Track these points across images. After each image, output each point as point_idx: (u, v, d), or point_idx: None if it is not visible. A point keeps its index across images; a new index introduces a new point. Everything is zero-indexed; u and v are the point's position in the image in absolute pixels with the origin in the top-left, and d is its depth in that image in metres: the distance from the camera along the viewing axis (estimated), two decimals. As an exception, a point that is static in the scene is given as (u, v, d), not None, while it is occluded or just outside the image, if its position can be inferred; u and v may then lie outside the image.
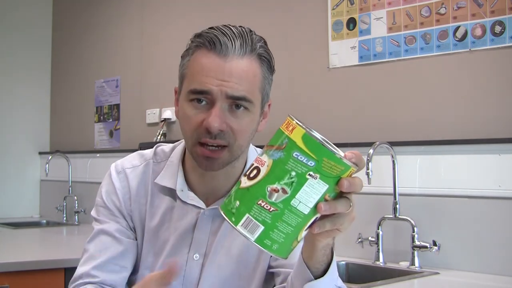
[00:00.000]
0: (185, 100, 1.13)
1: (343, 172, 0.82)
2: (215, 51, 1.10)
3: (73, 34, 4.18)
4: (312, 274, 0.99)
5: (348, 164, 0.82)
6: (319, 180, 0.80)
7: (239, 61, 1.10)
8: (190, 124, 1.12)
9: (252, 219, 0.81)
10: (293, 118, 0.84)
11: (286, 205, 0.80)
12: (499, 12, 2.08)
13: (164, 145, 1.31)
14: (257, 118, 1.16)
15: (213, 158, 1.11)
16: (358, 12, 2.48)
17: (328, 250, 0.99)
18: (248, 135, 1.15)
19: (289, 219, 0.81)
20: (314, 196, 0.81)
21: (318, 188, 0.81)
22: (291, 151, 0.81)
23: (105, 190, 1.26)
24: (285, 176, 0.80)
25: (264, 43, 1.15)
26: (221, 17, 2.52)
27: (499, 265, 1.99)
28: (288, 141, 0.82)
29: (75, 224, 3.78)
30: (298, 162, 0.80)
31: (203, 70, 1.10)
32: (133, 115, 3.65)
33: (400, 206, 2.21)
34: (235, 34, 1.10)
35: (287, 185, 0.80)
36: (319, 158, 0.79)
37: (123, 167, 1.27)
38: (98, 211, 1.26)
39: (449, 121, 2.19)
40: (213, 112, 1.08)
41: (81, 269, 1.21)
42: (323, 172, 0.80)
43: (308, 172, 0.80)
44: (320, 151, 0.80)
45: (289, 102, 2.71)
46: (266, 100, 1.19)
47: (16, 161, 4.17)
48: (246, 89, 1.10)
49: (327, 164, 0.80)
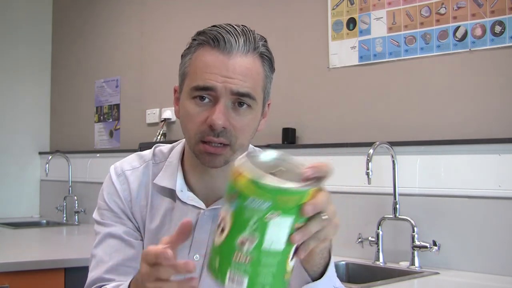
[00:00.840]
0: (187, 98, 1.12)
1: (303, 198, 0.79)
2: (219, 49, 1.09)
3: (73, 34, 4.18)
4: (310, 276, 0.99)
5: (304, 190, 0.79)
6: (281, 216, 0.78)
7: (243, 59, 1.10)
8: (193, 122, 1.11)
9: (234, 273, 0.79)
10: (238, 166, 0.81)
11: (259, 251, 0.78)
12: (499, 12, 2.08)
13: (162, 146, 1.30)
14: (259, 116, 1.16)
15: (216, 154, 1.11)
16: (358, 12, 2.48)
17: (326, 253, 0.98)
18: (249, 134, 1.15)
19: (268, 262, 0.79)
20: (283, 232, 0.79)
21: (284, 223, 0.79)
22: (243, 200, 0.78)
23: (107, 192, 1.25)
24: (246, 225, 0.78)
25: (265, 42, 1.15)
26: (221, 17, 2.52)
27: (499, 265, 1.99)
28: (238, 190, 0.79)
29: (75, 224, 3.78)
30: (254, 208, 0.77)
31: (207, 67, 1.09)
32: (133, 115, 3.65)
33: (400, 206, 2.21)
34: (239, 32, 1.10)
35: (252, 234, 0.78)
36: (272, 197, 0.77)
37: (123, 169, 1.26)
38: (102, 215, 1.24)
39: (449, 121, 2.19)
40: (217, 109, 1.08)
41: (92, 274, 1.19)
42: (282, 208, 0.78)
43: (267, 214, 0.77)
44: (270, 191, 0.77)
45: (289, 102, 2.71)
46: (267, 99, 1.19)
47: (16, 161, 4.17)
48: (250, 86, 1.10)
49: (282, 199, 0.77)
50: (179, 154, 1.24)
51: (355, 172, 2.34)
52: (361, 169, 2.20)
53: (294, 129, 2.66)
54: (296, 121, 2.67)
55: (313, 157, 2.52)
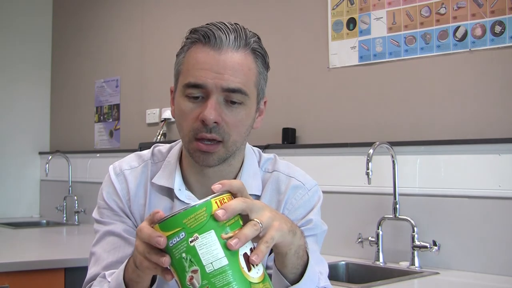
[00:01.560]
0: (180, 96, 1.13)
1: (209, 209, 0.82)
2: (209, 45, 1.10)
3: (73, 34, 4.19)
4: (289, 280, 0.99)
5: (204, 201, 0.82)
6: (201, 236, 0.80)
7: (233, 54, 1.10)
8: (187, 120, 1.12)
9: None
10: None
11: (207, 277, 0.80)
12: (499, 12, 2.08)
13: (161, 146, 1.31)
14: (253, 113, 1.16)
15: (209, 153, 1.11)
16: (358, 12, 2.48)
17: (302, 252, 0.98)
18: (243, 131, 1.14)
19: (223, 280, 0.80)
20: (214, 247, 0.81)
21: (208, 240, 0.81)
22: (167, 246, 0.82)
23: (106, 191, 1.25)
24: (182, 263, 0.81)
25: (258, 38, 1.16)
26: (221, 18, 2.51)
27: (499, 265, 1.99)
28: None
29: (75, 224, 3.78)
30: (175, 245, 0.81)
31: (198, 64, 1.10)
32: (133, 115, 3.65)
33: (400, 206, 2.21)
34: (229, 29, 1.11)
35: (191, 266, 0.80)
36: (181, 224, 0.81)
37: (122, 168, 1.26)
38: (101, 213, 1.25)
39: (449, 121, 2.19)
40: (208, 105, 1.08)
41: (91, 271, 1.20)
42: (196, 228, 0.81)
43: (187, 242, 0.80)
44: (174, 220, 0.81)
45: (289, 102, 2.71)
46: (261, 96, 1.19)
47: (16, 161, 4.18)
48: (241, 81, 1.10)
49: (190, 221, 0.81)
50: (177, 153, 1.24)
51: (355, 172, 2.34)
52: (361, 169, 2.20)
53: (294, 129, 2.66)
54: (296, 121, 2.67)
55: (313, 157, 2.52)
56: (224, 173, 1.19)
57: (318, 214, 1.24)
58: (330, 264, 1.31)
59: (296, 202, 1.21)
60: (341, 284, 2.01)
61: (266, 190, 1.22)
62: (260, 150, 1.31)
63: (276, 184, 1.23)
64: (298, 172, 1.26)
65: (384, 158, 2.25)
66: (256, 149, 1.30)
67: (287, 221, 0.93)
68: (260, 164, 1.26)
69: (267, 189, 1.22)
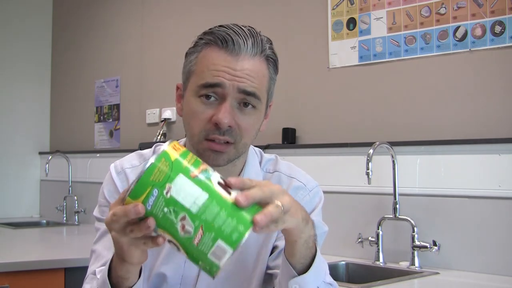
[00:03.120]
0: (192, 96, 1.12)
1: (167, 157, 0.83)
2: (227, 49, 1.10)
3: (73, 34, 4.18)
4: (297, 270, 1.00)
5: (161, 152, 0.84)
6: (173, 184, 0.81)
7: (250, 61, 1.11)
8: (198, 120, 1.11)
9: (210, 249, 0.81)
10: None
11: (196, 216, 0.81)
12: (499, 12, 2.08)
13: (162, 145, 1.31)
14: (262, 117, 1.17)
15: (221, 152, 1.12)
16: (358, 12, 2.48)
17: (311, 243, 0.99)
18: (253, 134, 1.16)
19: (212, 212, 0.81)
20: (190, 188, 0.81)
21: (182, 184, 0.81)
22: (147, 210, 0.82)
23: (107, 190, 1.25)
24: (167, 218, 0.82)
25: (271, 44, 1.17)
26: (221, 18, 2.52)
27: (499, 265, 1.99)
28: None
29: (75, 224, 3.78)
30: (154, 204, 0.82)
31: (215, 65, 1.10)
32: (133, 115, 3.65)
33: (400, 206, 2.21)
34: (247, 34, 1.11)
35: (177, 216, 0.81)
36: (150, 184, 0.81)
37: (123, 167, 1.26)
38: (102, 211, 1.25)
39: (449, 121, 2.19)
40: (223, 108, 1.08)
41: (91, 268, 1.20)
42: (165, 180, 0.81)
43: (163, 196, 0.81)
44: (143, 184, 0.82)
45: (289, 102, 2.71)
46: (270, 100, 1.20)
47: (16, 161, 4.17)
48: (257, 86, 1.11)
49: (156, 176, 0.82)
50: None
51: (355, 172, 2.34)
52: (361, 169, 2.20)
53: (294, 129, 2.66)
54: (296, 121, 2.67)
55: (313, 157, 2.52)
56: (228, 172, 1.19)
57: (319, 215, 1.24)
58: (330, 264, 1.31)
59: (297, 203, 1.21)
60: (341, 284, 2.01)
61: None
62: (262, 150, 1.31)
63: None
64: (300, 173, 1.26)
65: (384, 158, 2.25)
66: (258, 150, 1.30)
67: (302, 209, 0.94)
68: (262, 165, 1.26)
69: None
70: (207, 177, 0.83)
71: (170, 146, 0.86)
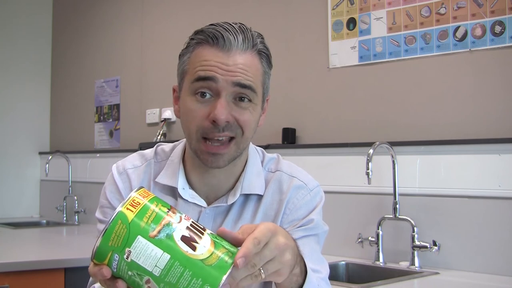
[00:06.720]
0: (188, 95, 1.12)
1: (124, 219, 0.80)
2: (217, 46, 1.10)
3: (73, 34, 4.18)
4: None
5: (115, 215, 0.81)
6: (132, 248, 0.79)
7: (242, 55, 1.10)
8: (195, 119, 1.11)
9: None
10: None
11: (160, 279, 0.79)
12: (499, 12, 2.08)
13: (164, 145, 1.31)
14: (259, 111, 1.17)
15: (219, 154, 1.11)
16: (358, 12, 2.48)
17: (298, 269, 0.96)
18: (253, 127, 1.15)
19: (176, 274, 0.78)
20: (150, 250, 0.79)
21: (141, 247, 0.79)
22: (111, 271, 0.82)
23: (109, 190, 1.25)
24: (133, 280, 0.80)
25: (262, 38, 1.16)
26: (221, 18, 2.51)
27: (499, 265, 1.99)
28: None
29: (75, 224, 3.78)
30: (118, 268, 0.80)
31: (207, 61, 1.10)
32: (133, 115, 3.65)
33: (400, 206, 2.21)
34: (237, 30, 1.11)
35: (142, 279, 0.79)
36: (109, 249, 0.80)
37: (125, 167, 1.26)
38: (104, 212, 1.25)
39: (449, 121, 2.19)
40: (218, 104, 1.08)
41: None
42: (124, 244, 0.79)
43: (124, 260, 0.79)
44: (102, 249, 0.80)
45: (289, 102, 2.71)
46: (266, 94, 1.20)
47: (16, 161, 4.17)
48: (252, 79, 1.11)
49: (114, 241, 0.79)
50: (180, 152, 1.24)
51: (355, 172, 2.34)
52: (361, 169, 2.20)
53: (294, 129, 2.66)
54: (296, 121, 2.67)
55: (313, 157, 2.52)
56: (229, 172, 1.19)
57: (319, 214, 1.24)
58: (330, 264, 1.31)
59: (297, 202, 1.21)
60: (341, 284, 2.01)
61: (268, 189, 1.22)
62: (263, 149, 1.31)
63: (279, 183, 1.23)
64: (301, 173, 1.26)
65: (384, 158, 2.25)
66: (260, 149, 1.30)
67: (289, 262, 0.90)
68: (264, 164, 1.26)
69: (269, 189, 1.22)
70: (168, 235, 0.80)
71: (127, 203, 0.82)
